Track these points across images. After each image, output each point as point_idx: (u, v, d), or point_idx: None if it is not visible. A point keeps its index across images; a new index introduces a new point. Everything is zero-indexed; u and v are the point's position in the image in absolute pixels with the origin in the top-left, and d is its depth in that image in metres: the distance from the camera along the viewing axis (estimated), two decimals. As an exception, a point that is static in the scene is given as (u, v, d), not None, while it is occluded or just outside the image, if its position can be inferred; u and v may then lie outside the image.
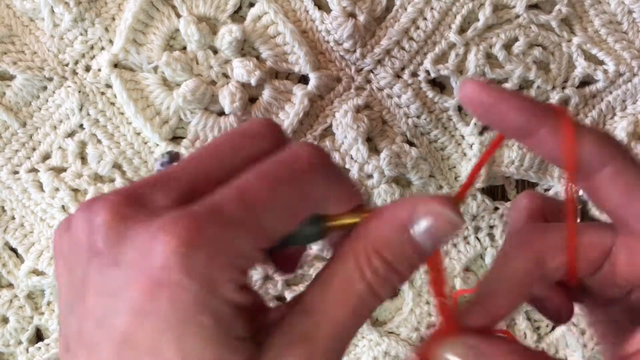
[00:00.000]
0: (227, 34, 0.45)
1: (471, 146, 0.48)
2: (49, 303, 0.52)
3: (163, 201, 0.23)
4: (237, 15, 0.47)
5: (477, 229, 0.50)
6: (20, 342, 0.52)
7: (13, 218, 0.51)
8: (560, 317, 0.30)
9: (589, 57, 0.48)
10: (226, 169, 0.24)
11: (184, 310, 0.21)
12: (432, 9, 0.46)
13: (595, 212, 0.48)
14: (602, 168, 0.25)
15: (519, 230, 0.29)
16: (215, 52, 0.47)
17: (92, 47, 0.48)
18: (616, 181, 0.25)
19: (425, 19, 0.47)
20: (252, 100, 0.48)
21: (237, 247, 0.22)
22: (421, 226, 0.24)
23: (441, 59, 0.48)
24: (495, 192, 0.51)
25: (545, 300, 0.29)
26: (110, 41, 0.47)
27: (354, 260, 0.24)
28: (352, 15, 0.46)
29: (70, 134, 0.49)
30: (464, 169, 0.49)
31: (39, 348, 0.52)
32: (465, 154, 0.49)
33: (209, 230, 0.22)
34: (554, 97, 0.48)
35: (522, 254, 0.27)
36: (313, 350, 0.24)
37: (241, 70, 0.46)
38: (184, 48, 0.47)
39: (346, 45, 0.47)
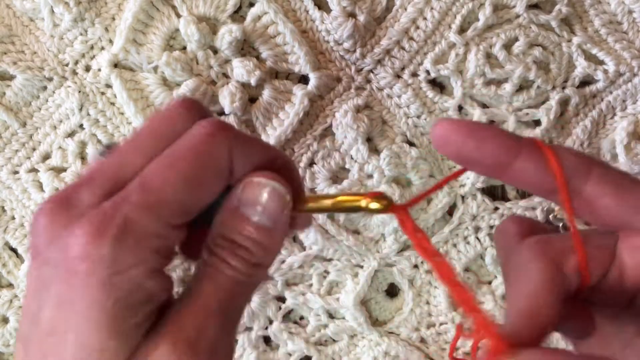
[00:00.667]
0: (227, 34, 0.45)
1: (471, 146, 0.48)
2: (49, 303, 0.52)
3: (89, 200, 0.25)
4: (237, 15, 0.47)
5: (477, 229, 0.50)
6: None
7: (13, 218, 0.51)
8: (585, 331, 0.29)
9: (589, 57, 0.48)
10: (142, 158, 0.26)
11: (90, 295, 0.24)
12: (432, 8, 0.46)
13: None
14: (587, 178, 0.26)
15: (522, 246, 0.28)
16: (215, 52, 0.47)
17: (92, 47, 0.48)
18: (604, 184, 0.25)
19: (425, 18, 0.47)
20: (252, 100, 0.48)
21: (142, 229, 0.24)
22: (247, 203, 0.27)
23: (441, 59, 0.48)
24: (495, 192, 0.51)
25: (569, 319, 0.28)
26: (110, 41, 0.47)
27: (206, 247, 0.27)
28: (352, 15, 0.46)
29: (70, 134, 0.49)
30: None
31: (39, 348, 0.52)
32: (465, 154, 0.49)
33: (115, 219, 0.24)
34: (554, 97, 0.48)
35: (539, 263, 0.26)
36: (183, 327, 0.25)
37: (241, 70, 0.46)
38: (184, 48, 0.47)
39: (346, 45, 0.47)
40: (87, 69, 0.48)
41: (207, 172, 0.26)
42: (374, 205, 0.27)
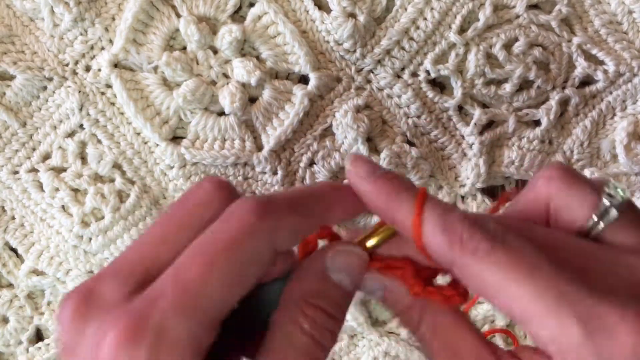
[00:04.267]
0: (227, 34, 0.45)
1: (471, 146, 0.48)
2: (49, 303, 0.52)
3: (114, 295, 0.24)
4: (237, 15, 0.47)
5: (477, 229, 0.50)
6: (20, 342, 0.52)
7: (13, 218, 0.51)
8: None
9: (589, 57, 0.48)
10: (172, 250, 0.25)
11: None
12: (432, 9, 0.46)
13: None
14: (451, 264, 0.25)
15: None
16: (215, 52, 0.47)
17: (92, 47, 0.48)
18: (463, 278, 0.25)
19: (425, 19, 0.47)
20: (252, 100, 0.48)
21: (178, 334, 0.23)
22: (335, 266, 0.26)
23: (441, 59, 0.48)
24: (495, 192, 0.51)
25: None
26: (110, 41, 0.47)
27: (290, 317, 0.26)
28: (352, 15, 0.46)
29: (70, 134, 0.49)
30: (464, 169, 0.49)
31: (39, 348, 0.52)
32: (465, 154, 0.49)
33: (150, 323, 0.23)
34: (554, 97, 0.48)
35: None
36: None
37: (241, 70, 0.46)
38: (184, 48, 0.47)
39: (346, 45, 0.47)
40: (87, 69, 0.48)
41: (249, 269, 0.24)
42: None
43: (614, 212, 0.25)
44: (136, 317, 0.23)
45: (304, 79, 0.48)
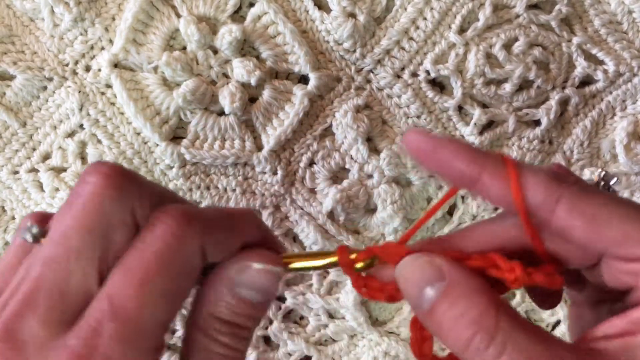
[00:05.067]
0: (227, 34, 0.45)
1: (471, 146, 0.48)
2: (49, 303, 0.52)
3: (41, 335, 0.22)
4: (237, 15, 0.47)
5: (477, 229, 0.50)
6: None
7: (13, 218, 0.51)
8: (545, 303, 0.30)
9: (589, 57, 0.48)
10: (88, 266, 0.23)
11: None
12: (432, 9, 0.46)
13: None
14: (555, 207, 0.24)
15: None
16: (215, 52, 0.47)
17: (92, 47, 0.48)
18: (574, 215, 0.24)
19: (425, 19, 0.47)
20: (252, 100, 0.48)
21: None
22: (243, 284, 0.26)
23: (441, 59, 0.48)
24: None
25: (539, 290, 0.29)
26: (110, 41, 0.47)
27: (203, 331, 0.25)
28: (352, 15, 0.46)
29: (71, 134, 0.49)
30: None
31: (39, 348, 0.52)
32: (465, 154, 0.49)
33: (95, 358, 0.22)
34: (554, 97, 0.48)
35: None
36: None
37: (241, 70, 0.46)
38: (184, 48, 0.47)
39: (346, 45, 0.47)
40: (87, 69, 0.48)
41: (183, 282, 0.24)
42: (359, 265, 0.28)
43: None
44: (80, 356, 0.22)
45: (304, 79, 0.48)
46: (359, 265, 0.27)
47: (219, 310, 0.26)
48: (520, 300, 0.51)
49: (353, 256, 0.27)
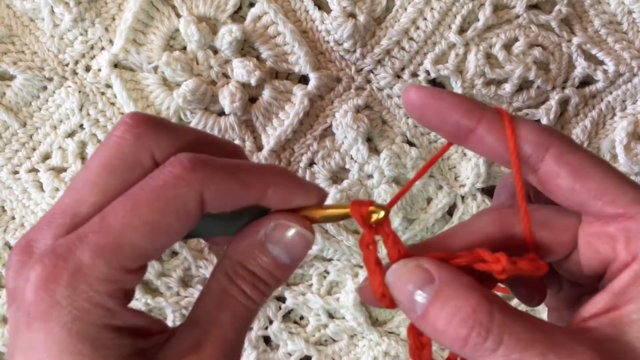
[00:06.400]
0: (227, 34, 0.45)
1: (471, 146, 0.48)
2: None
3: (47, 242, 0.25)
4: (237, 15, 0.47)
5: (477, 229, 0.50)
6: None
7: (13, 218, 0.51)
8: (532, 299, 0.31)
9: (589, 57, 0.48)
10: (100, 194, 0.26)
11: (59, 340, 0.23)
12: (432, 9, 0.46)
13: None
14: (544, 155, 0.26)
15: (486, 210, 0.31)
16: (215, 52, 0.47)
17: (92, 47, 0.48)
18: (560, 163, 0.25)
19: (425, 19, 0.47)
20: (252, 100, 0.48)
21: (95, 274, 0.24)
22: (274, 241, 0.27)
23: (441, 59, 0.48)
24: (495, 192, 0.50)
25: (521, 283, 0.30)
26: (111, 41, 0.47)
27: (226, 274, 0.27)
28: (352, 15, 0.46)
29: (71, 134, 0.49)
30: (464, 169, 0.49)
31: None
32: (465, 154, 0.49)
33: (68, 263, 0.24)
34: (554, 97, 0.48)
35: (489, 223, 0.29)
36: (203, 356, 0.26)
37: (241, 70, 0.46)
38: (184, 48, 0.47)
39: (346, 45, 0.47)
40: (87, 69, 0.48)
41: (170, 219, 0.25)
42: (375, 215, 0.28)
43: None
44: (55, 259, 0.24)
45: (304, 79, 0.48)
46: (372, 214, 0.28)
47: (247, 260, 0.28)
48: (517, 302, 0.51)
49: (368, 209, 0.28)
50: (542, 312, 0.52)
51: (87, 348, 0.24)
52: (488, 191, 0.50)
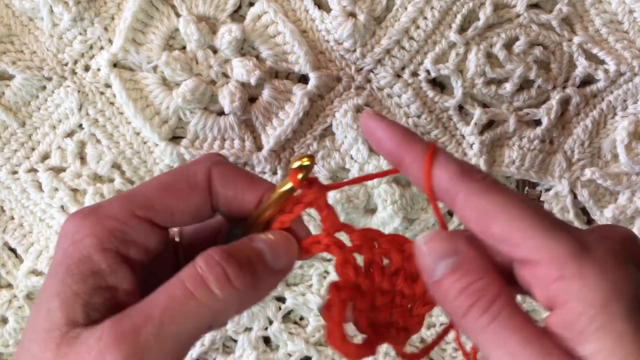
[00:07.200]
0: (227, 34, 0.45)
1: (471, 146, 0.48)
2: (48, 303, 0.52)
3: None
4: (237, 15, 0.47)
5: (477, 229, 0.50)
6: (19, 343, 0.52)
7: (12, 218, 0.51)
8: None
9: (590, 57, 0.48)
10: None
11: (55, 261, 0.28)
12: (432, 8, 0.46)
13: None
14: (455, 199, 0.27)
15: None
16: (215, 51, 0.47)
17: (91, 47, 0.48)
18: (468, 209, 0.26)
19: (425, 18, 0.47)
20: (252, 99, 0.47)
21: (106, 210, 0.29)
22: (275, 259, 0.30)
23: (441, 58, 0.47)
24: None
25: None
26: (110, 41, 0.47)
27: (209, 263, 0.29)
28: (352, 14, 0.46)
29: (70, 134, 0.49)
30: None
31: (39, 348, 0.52)
32: (465, 154, 0.49)
33: (95, 204, 0.31)
34: (555, 97, 0.48)
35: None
36: (112, 330, 0.26)
37: (241, 69, 0.45)
38: (184, 48, 0.47)
39: (346, 44, 0.47)
40: (87, 68, 0.48)
41: (181, 183, 0.30)
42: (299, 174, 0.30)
43: None
44: (91, 204, 0.33)
45: (303, 79, 0.48)
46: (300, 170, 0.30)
47: (236, 252, 0.29)
48: (521, 300, 0.51)
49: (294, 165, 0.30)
50: (542, 312, 0.52)
51: (66, 273, 0.28)
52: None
